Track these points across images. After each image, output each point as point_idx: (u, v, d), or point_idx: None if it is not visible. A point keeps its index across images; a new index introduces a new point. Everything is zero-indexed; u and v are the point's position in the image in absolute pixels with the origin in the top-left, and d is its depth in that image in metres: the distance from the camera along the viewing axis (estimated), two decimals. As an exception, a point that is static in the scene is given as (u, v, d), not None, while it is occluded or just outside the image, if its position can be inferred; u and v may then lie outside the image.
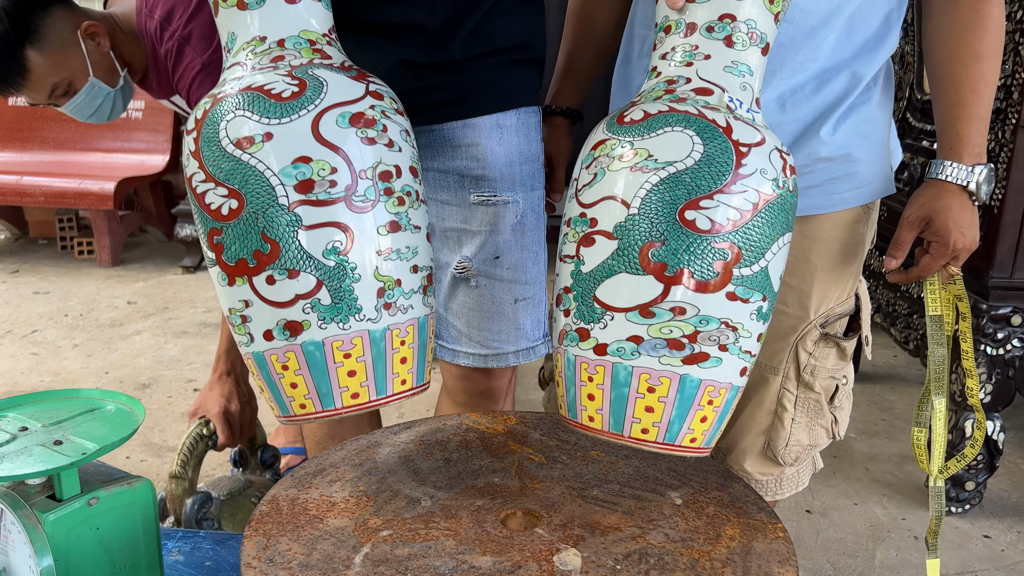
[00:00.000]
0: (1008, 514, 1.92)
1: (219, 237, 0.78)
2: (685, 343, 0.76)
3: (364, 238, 0.78)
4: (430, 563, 0.74)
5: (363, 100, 0.80)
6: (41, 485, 0.82)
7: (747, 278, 0.76)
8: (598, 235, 0.77)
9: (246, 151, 0.75)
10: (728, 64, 0.81)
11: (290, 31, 0.83)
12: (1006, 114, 1.73)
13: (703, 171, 0.74)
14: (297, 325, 0.78)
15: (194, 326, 2.98)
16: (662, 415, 0.78)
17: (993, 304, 1.77)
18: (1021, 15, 1.70)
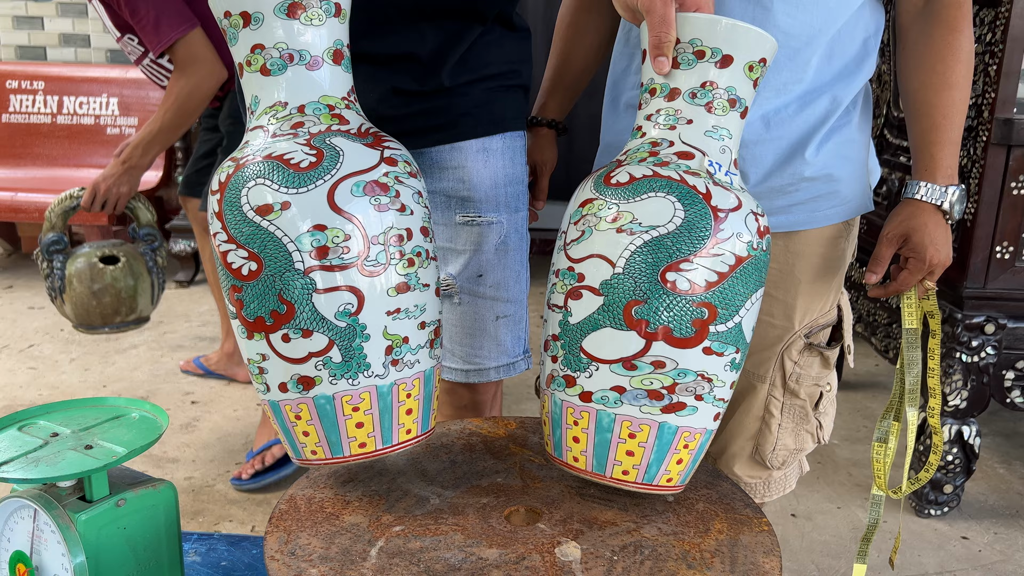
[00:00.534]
0: (985, 516, 1.99)
1: (239, 295, 0.82)
2: (664, 394, 0.82)
3: (374, 300, 0.82)
4: (441, 555, 0.80)
5: (377, 168, 0.83)
6: (72, 487, 0.87)
7: (722, 334, 0.82)
8: (585, 290, 0.82)
9: (265, 218, 0.79)
10: (709, 129, 0.85)
11: (310, 97, 0.86)
12: (977, 132, 1.81)
13: (684, 236, 0.79)
14: (310, 380, 0.83)
15: (189, 340, 3.02)
16: (642, 458, 0.84)
17: (967, 313, 1.85)
18: (990, 38, 1.78)
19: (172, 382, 2.64)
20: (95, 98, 3.91)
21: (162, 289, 2.11)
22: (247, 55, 0.85)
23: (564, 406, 0.86)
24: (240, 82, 0.89)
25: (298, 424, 0.85)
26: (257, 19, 0.83)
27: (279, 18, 0.83)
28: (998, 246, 1.81)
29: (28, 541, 0.86)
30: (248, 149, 0.84)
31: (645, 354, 0.80)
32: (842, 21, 1.10)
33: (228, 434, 2.30)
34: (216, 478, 2.07)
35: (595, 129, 1.31)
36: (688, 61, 0.84)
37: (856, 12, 1.11)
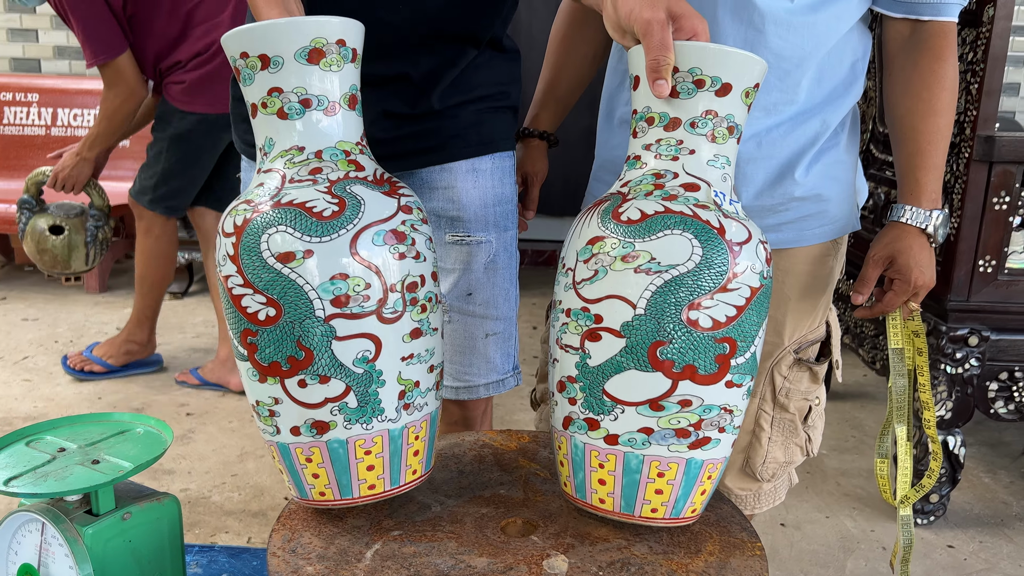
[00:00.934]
0: (971, 525, 2.03)
1: (253, 338, 0.82)
2: (691, 431, 0.82)
3: (391, 347, 0.84)
4: (432, 560, 0.83)
5: (396, 217, 0.84)
6: (79, 501, 0.89)
7: (741, 365, 0.82)
8: (604, 332, 0.81)
9: (287, 265, 0.79)
10: (711, 158, 0.85)
11: (327, 142, 0.86)
12: (959, 148, 1.85)
13: (703, 273, 0.78)
14: (324, 425, 0.84)
15: (183, 351, 3.04)
16: (670, 495, 0.85)
17: (951, 326, 1.88)
18: (972, 56, 1.83)
19: (167, 394, 2.66)
20: (89, 110, 3.92)
21: (101, 255, 2.78)
22: (263, 97, 0.85)
23: (588, 449, 0.85)
24: (253, 123, 0.88)
25: (308, 467, 0.86)
26: (276, 63, 0.82)
27: (299, 63, 0.82)
28: (981, 260, 1.85)
29: (36, 554, 0.89)
30: (263, 192, 0.83)
31: (672, 394, 0.80)
32: (831, 44, 1.14)
33: (223, 446, 2.32)
34: (212, 490, 2.09)
35: (588, 142, 1.33)
36: (688, 90, 0.83)
37: (845, 36, 1.15)
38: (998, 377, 1.92)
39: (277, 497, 2.06)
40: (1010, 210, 1.83)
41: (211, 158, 2.59)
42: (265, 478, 2.15)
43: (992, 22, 1.77)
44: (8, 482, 0.85)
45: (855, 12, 1.15)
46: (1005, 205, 1.82)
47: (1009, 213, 1.83)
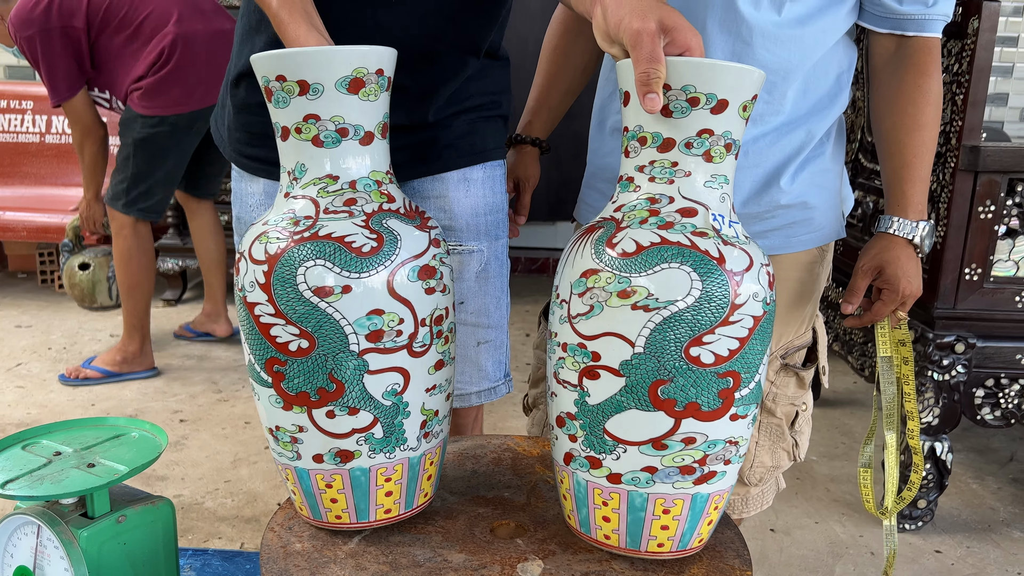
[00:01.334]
0: (958, 530, 2.05)
1: (281, 368, 0.82)
2: (696, 467, 0.80)
3: (418, 379, 0.85)
4: (412, 551, 0.86)
5: (428, 252, 0.85)
6: (74, 504, 0.90)
7: (745, 396, 0.80)
8: (603, 370, 0.78)
9: (324, 300, 0.79)
10: (708, 179, 0.81)
11: (361, 172, 0.85)
12: (945, 158, 1.88)
13: (704, 308, 0.75)
14: (349, 454, 0.85)
15: (177, 358, 3.04)
16: (676, 530, 0.83)
17: (938, 333, 1.91)
18: (957, 68, 1.86)
19: (160, 400, 2.66)
20: (83, 118, 3.93)
21: None
22: (298, 122, 0.83)
23: (590, 486, 0.84)
24: (282, 146, 0.86)
25: (327, 492, 0.87)
26: (316, 90, 0.81)
27: (339, 92, 0.81)
28: (967, 268, 1.87)
29: (31, 556, 0.90)
30: (295, 220, 0.82)
31: (675, 433, 0.78)
32: (817, 57, 1.16)
33: (216, 452, 2.33)
34: (205, 496, 2.10)
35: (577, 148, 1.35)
36: (681, 109, 0.79)
37: (831, 49, 1.17)
38: (984, 383, 1.94)
39: (270, 503, 2.07)
40: (995, 219, 1.85)
41: (179, 157, 2.74)
42: (258, 484, 2.16)
43: (977, 34, 1.80)
44: (5, 485, 0.86)
45: (842, 26, 1.17)
46: (990, 214, 1.85)
47: (994, 222, 1.86)
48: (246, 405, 2.64)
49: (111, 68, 2.65)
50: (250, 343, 0.84)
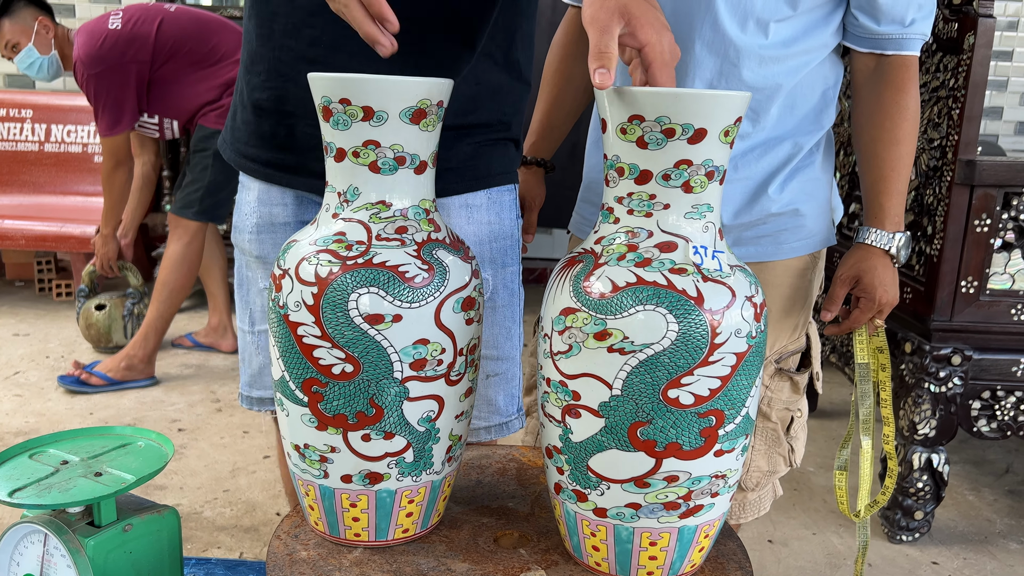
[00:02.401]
0: (955, 542, 2.06)
1: (320, 388, 0.82)
2: (680, 503, 0.80)
3: (451, 406, 0.87)
4: (416, 560, 0.86)
5: (470, 284, 0.86)
6: (81, 513, 0.90)
7: (731, 432, 0.79)
8: (583, 410, 0.78)
9: (374, 327, 0.80)
10: (689, 210, 0.78)
11: (412, 200, 0.85)
12: (942, 172, 1.90)
13: (680, 350, 0.74)
14: (378, 476, 0.86)
15: (175, 367, 3.04)
16: (665, 559, 0.83)
17: (935, 345, 1.92)
18: (953, 83, 1.88)
19: (159, 410, 2.66)
20: (82, 127, 3.94)
21: (138, 327, 3.06)
22: (357, 146, 0.83)
23: (578, 517, 0.84)
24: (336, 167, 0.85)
25: (351, 511, 0.88)
26: (380, 117, 0.81)
27: (402, 122, 0.82)
28: (963, 281, 1.89)
29: (38, 565, 0.90)
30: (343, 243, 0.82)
31: (656, 472, 0.78)
32: (802, 75, 1.18)
33: (215, 461, 2.33)
34: (204, 505, 2.10)
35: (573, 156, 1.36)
36: (656, 140, 0.76)
37: (816, 67, 1.19)
38: (981, 396, 1.95)
39: (269, 512, 2.07)
40: (991, 232, 1.87)
41: None
42: (257, 494, 2.16)
43: (973, 49, 1.82)
44: (12, 494, 0.87)
45: (827, 46, 1.19)
46: (986, 227, 1.87)
47: (990, 235, 1.87)
48: (244, 415, 2.64)
49: (171, 94, 2.77)
50: (286, 361, 0.84)
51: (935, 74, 1.96)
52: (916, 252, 2.01)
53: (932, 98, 1.97)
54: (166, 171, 3.58)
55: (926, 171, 1.98)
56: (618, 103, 0.77)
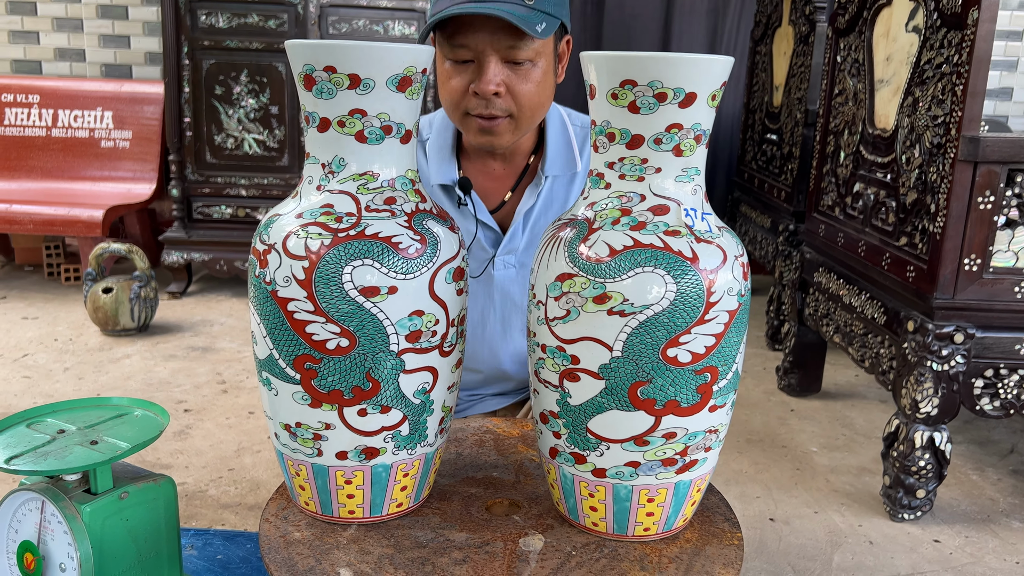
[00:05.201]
0: (957, 520, 2.05)
1: (314, 365, 0.81)
2: (678, 459, 0.83)
3: (444, 378, 0.88)
4: (414, 533, 0.87)
5: (459, 255, 0.87)
6: (78, 481, 0.92)
7: (724, 387, 0.81)
8: (583, 373, 0.80)
9: (370, 299, 0.79)
10: (679, 173, 0.79)
11: (399, 171, 0.85)
12: (945, 149, 1.88)
13: (679, 310, 0.76)
14: (375, 451, 0.86)
15: (182, 350, 3.06)
16: (661, 515, 0.86)
17: (938, 323, 1.91)
18: (957, 59, 1.86)
19: (165, 391, 2.68)
20: (89, 112, 3.96)
21: (145, 310, 3.22)
22: (342, 115, 0.82)
23: (576, 479, 0.85)
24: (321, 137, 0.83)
25: (345, 488, 0.88)
26: (367, 85, 0.80)
27: (389, 89, 0.81)
28: (966, 258, 1.88)
29: (36, 532, 0.91)
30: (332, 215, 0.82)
31: (656, 430, 0.80)
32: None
33: (220, 441, 2.35)
34: (209, 484, 2.12)
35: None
36: (649, 105, 0.76)
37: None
38: (983, 374, 1.94)
39: (273, 491, 2.09)
40: (995, 209, 1.86)
41: None
42: (261, 473, 2.18)
43: (976, 24, 1.80)
44: (9, 460, 0.88)
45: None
46: (990, 204, 1.85)
47: (994, 212, 1.86)
48: (250, 396, 2.66)
49: None
50: (276, 339, 0.82)
51: (939, 50, 1.95)
52: (919, 230, 2.00)
53: (936, 75, 1.95)
54: (172, 155, 3.60)
55: (930, 148, 1.97)
56: (608, 68, 0.77)
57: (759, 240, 3.52)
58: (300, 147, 3.59)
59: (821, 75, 2.66)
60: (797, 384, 2.78)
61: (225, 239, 3.64)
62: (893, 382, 2.06)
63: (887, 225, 2.16)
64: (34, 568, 0.91)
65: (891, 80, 2.19)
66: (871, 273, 2.22)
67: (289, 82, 3.54)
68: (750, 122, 3.84)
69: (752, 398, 2.77)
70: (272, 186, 3.62)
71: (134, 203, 3.75)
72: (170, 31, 3.48)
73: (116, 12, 4.11)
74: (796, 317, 2.73)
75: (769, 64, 3.59)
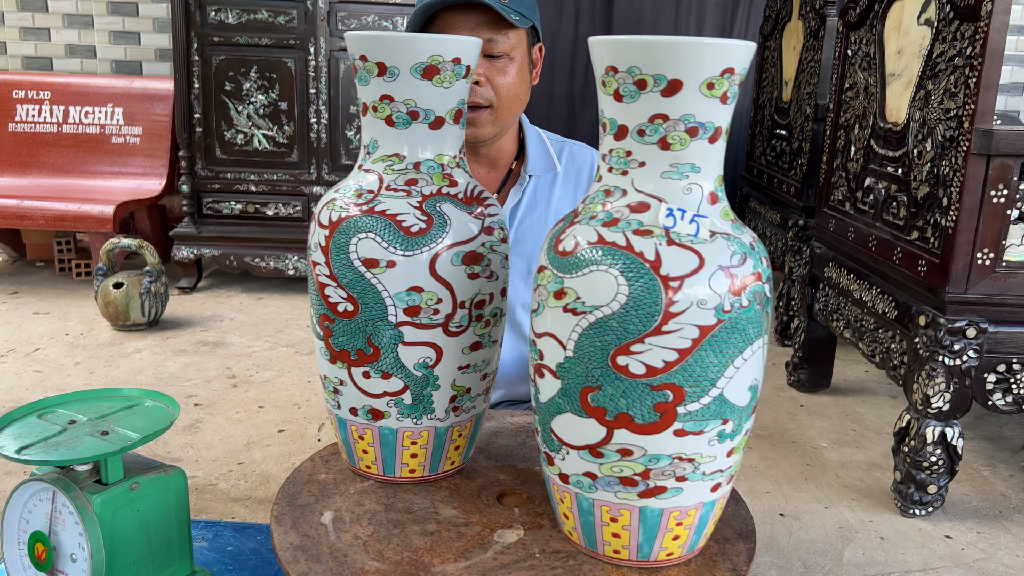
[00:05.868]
0: (969, 516, 2.04)
1: (331, 325, 0.88)
2: (638, 480, 0.74)
3: (450, 357, 0.89)
4: (411, 499, 0.90)
5: (476, 239, 0.88)
6: (89, 471, 0.92)
7: (695, 412, 0.71)
8: (545, 370, 0.77)
9: (370, 270, 0.84)
10: (667, 169, 0.72)
11: (426, 154, 0.89)
12: (958, 142, 1.87)
13: (630, 315, 0.69)
14: (379, 413, 0.90)
15: (192, 344, 3.07)
16: (630, 540, 0.78)
17: (950, 318, 1.90)
18: (970, 51, 1.85)
19: (175, 385, 2.69)
20: (100, 108, 3.97)
21: (155, 305, 3.23)
22: (375, 101, 0.88)
23: (550, 481, 0.83)
24: (363, 121, 0.91)
25: (360, 443, 0.94)
26: (392, 73, 0.85)
27: (413, 77, 0.85)
28: (979, 252, 1.87)
29: (47, 522, 0.91)
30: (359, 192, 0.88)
31: (609, 442, 0.73)
32: None
33: (230, 435, 2.36)
34: (219, 477, 2.12)
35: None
36: (630, 93, 0.70)
37: None
38: (996, 369, 1.93)
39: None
40: (1008, 203, 1.84)
41: None
42: (271, 467, 2.18)
43: (990, 16, 1.78)
44: (21, 451, 0.88)
45: None
46: (1003, 198, 1.84)
47: (1007, 206, 1.85)
48: (260, 390, 2.67)
49: None
50: (311, 297, 0.92)
51: (952, 43, 1.93)
52: (931, 224, 1.99)
53: (948, 68, 1.94)
54: (182, 151, 3.61)
55: (942, 142, 1.95)
56: (599, 52, 0.74)
57: (768, 236, 3.50)
58: (309, 143, 3.60)
59: (831, 69, 2.64)
60: (807, 380, 2.77)
61: (235, 235, 3.65)
62: (904, 377, 2.05)
63: (898, 219, 2.15)
64: (45, 558, 0.91)
65: (903, 73, 2.17)
66: (882, 268, 2.21)
67: (298, 78, 3.54)
68: (759, 117, 3.83)
69: (761, 393, 2.77)
70: (282, 182, 3.63)
71: (144, 199, 3.76)
72: (180, 27, 3.49)
73: (126, 9, 4.12)
74: (806, 312, 2.72)
75: (778, 59, 3.58)
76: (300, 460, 2.16)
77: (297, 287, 3.85)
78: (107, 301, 3.17)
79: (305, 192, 3.64)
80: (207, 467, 2.18)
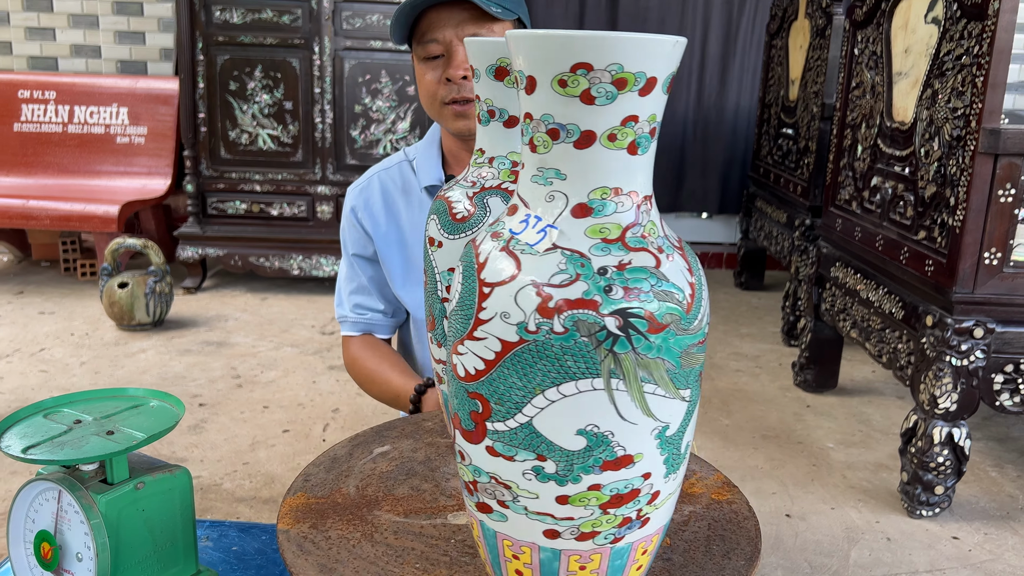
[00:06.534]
0: (976, 517, 2.03)
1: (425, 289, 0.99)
2: (472, 489, 0.71)
3: None
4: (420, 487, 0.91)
5: None
6: (94, 471, 0.92)
7: (504, 434, 0.65)
8: None
9: (431, 247, 0.95)
10: (535, 173, 0.67)
11: (500, 151, 0.95)
12: (965, 141, 1.86)
13: (458, 313, 0.68)
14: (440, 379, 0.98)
15: (196, 344, 3.08)
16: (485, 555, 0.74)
17: (957, 318, 1.89)
18: (977, 50, 1.84)
19: (180, 385, 2.70)
20: (105, 108, 3.98)
21: (160, 304, 3.25)
22: (474, 101, 0.97)
23: None
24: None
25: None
26: (477, 75, 0.93)
27: (488, 78, 0.92)
28: (986, 252, 1.86)
29: (52, 521, 0.91)
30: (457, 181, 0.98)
31: (455, 441, 0.73)
32: None
33: (235, 435, 2.35)
34: (224, 477, 2.12)
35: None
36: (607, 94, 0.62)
37: None
38: (1003, 369, 1.92)
39: (287, 484, 2.09)
40: (1016, 202, 1.83)
41: None
42: (275, 466, 2.18)
43: (998, 15, 1.78)
44: (26, 450, 0.88)
45: None
46: (1011, 197, 1.83)
47: (1015, 205, 1.84)
48: (264, 390, 2.67)
49: None
50: None
51: (959, 41, 1.92)
52: (938, 223, 1.98)
53: (955, 66, 1.93)
54: (187, 151, 3.61)
55: (949, 141, 1.94)
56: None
57: (775, 235, 3.50)
58: (314, 142, 3.60)
59: (838, 68, 2.64)
60: (813, 380, 2.76)
61: (239, 234, 3.65)
62: (911, 377, 2.04)
63: (905, 219, 2.14)
64: (51, 558, 0.91)
65: (909, 72, 2.16)
66: (889, 268, 2.20)
67: (303, 77, 3.54)
68: (765, 116, 3.82)
69: (768, 394, 2.76)
70: (286, 181, 3.63)
71: (149, 199, 3.77)
72: (184, 27, 3.50)
73: (131, 8, 4.13)
74: (812, 312, 2.71)
75: (785, 58, 3.57)
76: (305, 460, 2.16)
77: (302, 287, 3.85)
78: (112, 301, 3.18)
79: (310, 192, 3.64)
80: (212, 467, 2.18)
